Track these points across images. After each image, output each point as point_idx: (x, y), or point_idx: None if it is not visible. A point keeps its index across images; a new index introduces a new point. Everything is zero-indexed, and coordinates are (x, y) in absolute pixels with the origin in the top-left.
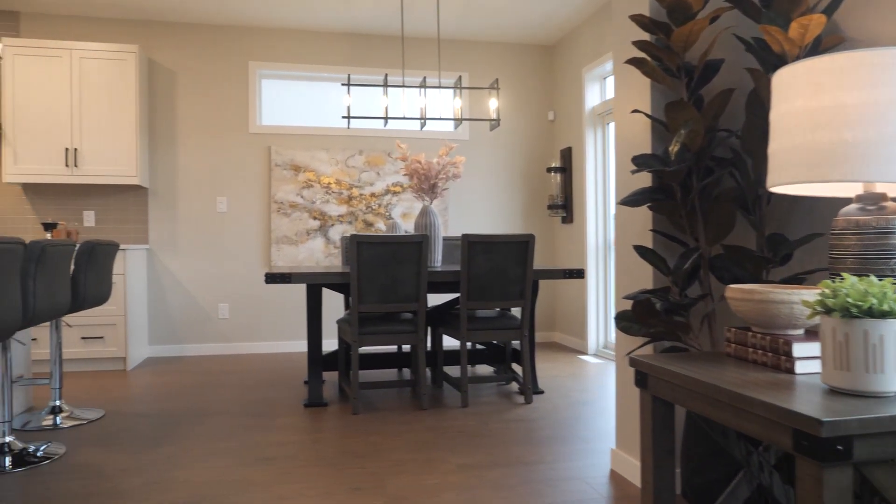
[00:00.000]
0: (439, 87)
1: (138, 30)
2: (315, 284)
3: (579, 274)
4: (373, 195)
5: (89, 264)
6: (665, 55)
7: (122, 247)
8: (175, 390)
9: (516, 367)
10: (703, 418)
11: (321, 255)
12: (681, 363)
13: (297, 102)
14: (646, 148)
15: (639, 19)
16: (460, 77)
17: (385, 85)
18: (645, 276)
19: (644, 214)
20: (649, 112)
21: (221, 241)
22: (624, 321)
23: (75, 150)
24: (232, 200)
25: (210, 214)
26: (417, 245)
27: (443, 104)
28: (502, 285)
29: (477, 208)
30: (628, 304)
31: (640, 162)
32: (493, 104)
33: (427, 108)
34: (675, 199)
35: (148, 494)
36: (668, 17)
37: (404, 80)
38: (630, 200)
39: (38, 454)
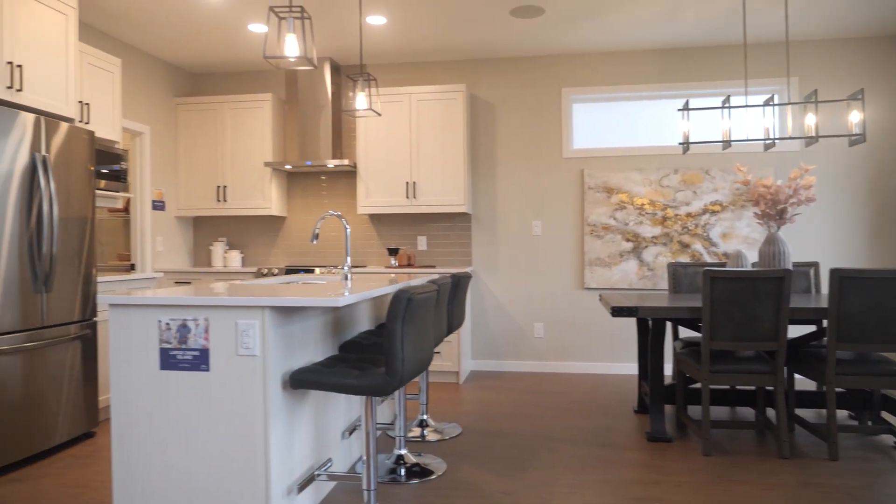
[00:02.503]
0: (789, 103)
1: (463, 69)
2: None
3: None
4: (689, 215)
5: (455, 294)
6: None
7: (450, 271)
8: (512, 409)
9: (886, 416)
10: None
11: (634, 277)
12: None
13: (608, 124)
14: None
15: None
16: (816, 91)
17: (727, 107)
18: None
19: None
20: None
21: (536, 262)
22: None
23: (414, 183)
24: (546, 224)
25: (526, 237)
26: (778, 280)
27: (754, 117)
28: (883, 326)
29: (808, 229)
30: None
31: None
32: (854, 117)
33: (756, 123)
34: None
35: None
36: None
37: (747, 93)
38: None
39: (421, 468)
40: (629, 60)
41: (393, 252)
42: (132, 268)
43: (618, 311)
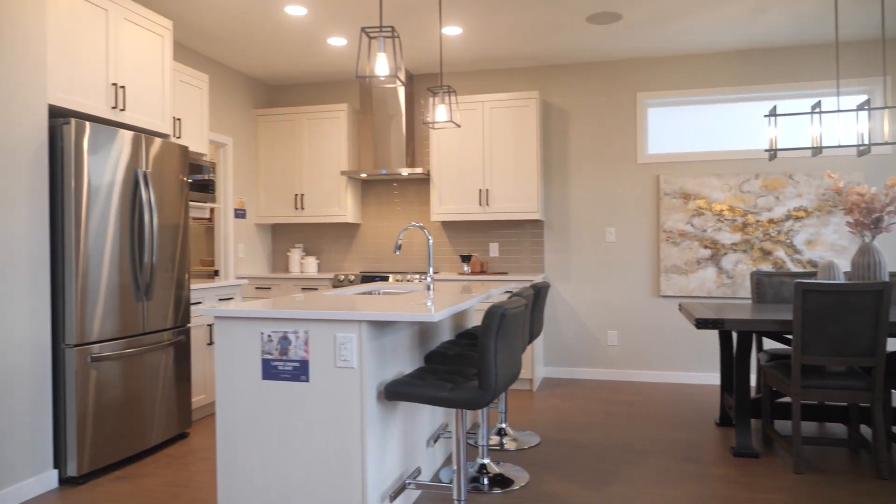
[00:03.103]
0: (886, 107)
1: (535, 75)
2: (747, 331)
3: None
4: (771, 221)
5: (536, 304)
6: None
7: (524, 279)
8: (589, 418)
9: None
10: None
11: (713, 284)
12: None
13: (684, 128)
14: None
15: None
16: None
17: (818, 112)
18: None
19: None
20: None
21: (610, 269)
22: None
23: (487, 190)
24: (620, 230)
25: (599, 244)
26: (877, 294)
27: (846, 120)
28: None
29: None
30: None
31: None
32: None
33: (848, 126)
34: None
35: None
36: None
37: (839, 94)
38: None
39: (503, 478)
40: (708, 63)
41: (466, 259)
42: (216, 273)
43: (702, 324)
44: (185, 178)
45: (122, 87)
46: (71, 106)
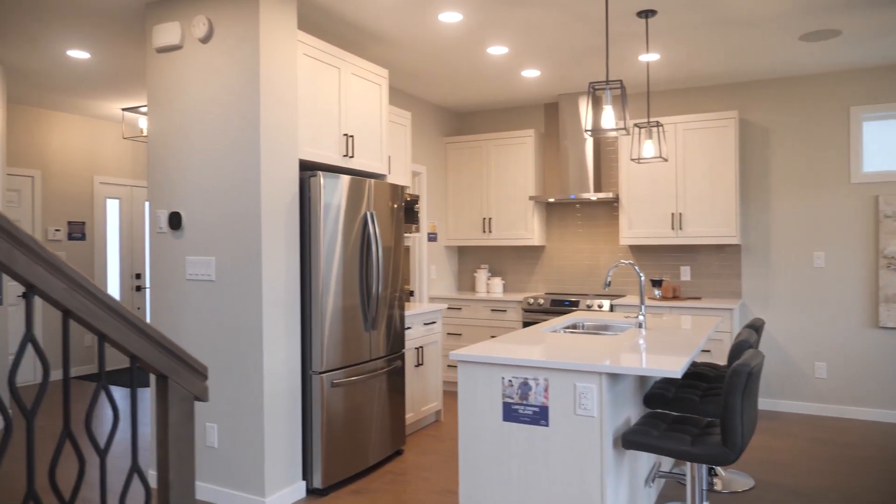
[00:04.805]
0: None
1: (731, 92)
2: None
3: None
4: None
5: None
6: None
7: (722, 306)
8: (803, 460)
9: None
10: None
11: None
12: None
13: None
14: None
15: None
16: None
17: None
18: None
19: None
20: None
21: (818, 296)
22: None
23: (680, 214)
24: (830, 255)
25: (805, 269)
26: None
27: None
28: None
29: None
30: None
31: None
32: None
33: None
34: None
35: None
36: None
37: None
38: None
39: None
40: None
41: (656, 283)
42: (411, 294)
43: None
44: (398, 211)
45: (351, 136)
46: (314, 158)
